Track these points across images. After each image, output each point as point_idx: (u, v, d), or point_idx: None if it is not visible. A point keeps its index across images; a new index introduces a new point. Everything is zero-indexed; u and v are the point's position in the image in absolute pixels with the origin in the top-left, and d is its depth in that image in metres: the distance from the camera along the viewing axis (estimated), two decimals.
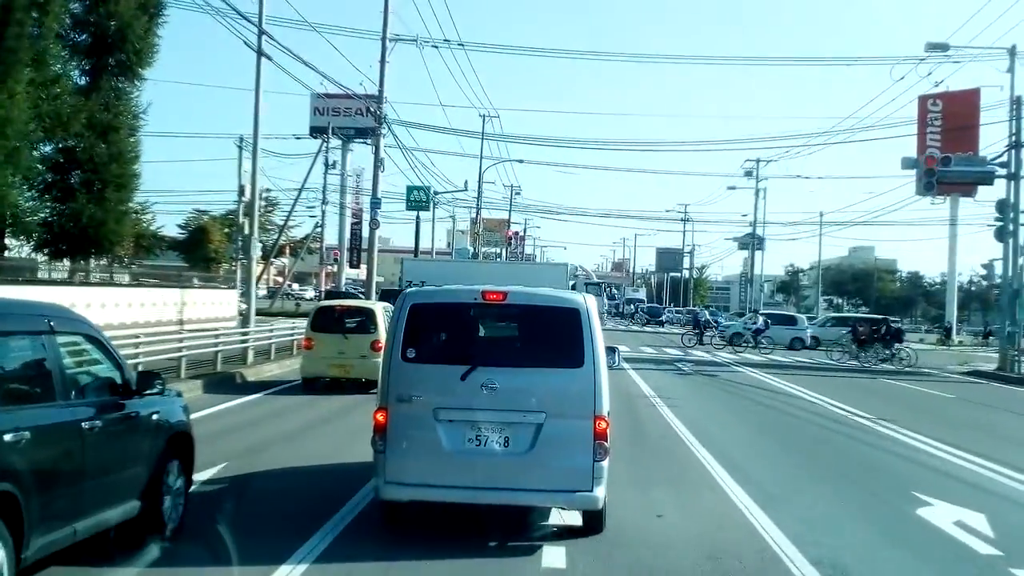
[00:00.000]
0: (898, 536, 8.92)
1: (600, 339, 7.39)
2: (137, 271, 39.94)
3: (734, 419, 18.28)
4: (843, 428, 17.21)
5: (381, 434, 7.22)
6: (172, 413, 7.59)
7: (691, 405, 19.60)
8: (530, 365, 7.40)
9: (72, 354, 6.50)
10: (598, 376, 7.20)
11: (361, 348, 18.84)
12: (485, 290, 7.56)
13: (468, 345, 7.78)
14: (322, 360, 19.19)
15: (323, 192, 52.78)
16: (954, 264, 61.43)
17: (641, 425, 16.03)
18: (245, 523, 7.84)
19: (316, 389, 18.88)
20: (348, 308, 21.03)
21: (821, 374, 30.31)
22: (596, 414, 7.14)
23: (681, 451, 13.55)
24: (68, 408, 6.11)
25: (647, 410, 18.33)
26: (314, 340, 19.60)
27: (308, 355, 19.89)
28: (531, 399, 7.17)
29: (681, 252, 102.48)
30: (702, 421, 16.97)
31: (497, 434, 7.14)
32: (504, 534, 7.67)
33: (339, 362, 18.96)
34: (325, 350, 19.11)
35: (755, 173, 67.99)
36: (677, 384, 24.64)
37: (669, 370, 28.98)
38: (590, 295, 8.10)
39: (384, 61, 30.86)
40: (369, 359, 18.31)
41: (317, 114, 58.39)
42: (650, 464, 12.14)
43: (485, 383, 7.15)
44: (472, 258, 62.59)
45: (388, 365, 7.42)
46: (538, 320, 7.63)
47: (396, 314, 7.60)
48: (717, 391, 23.55)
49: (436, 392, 7.31)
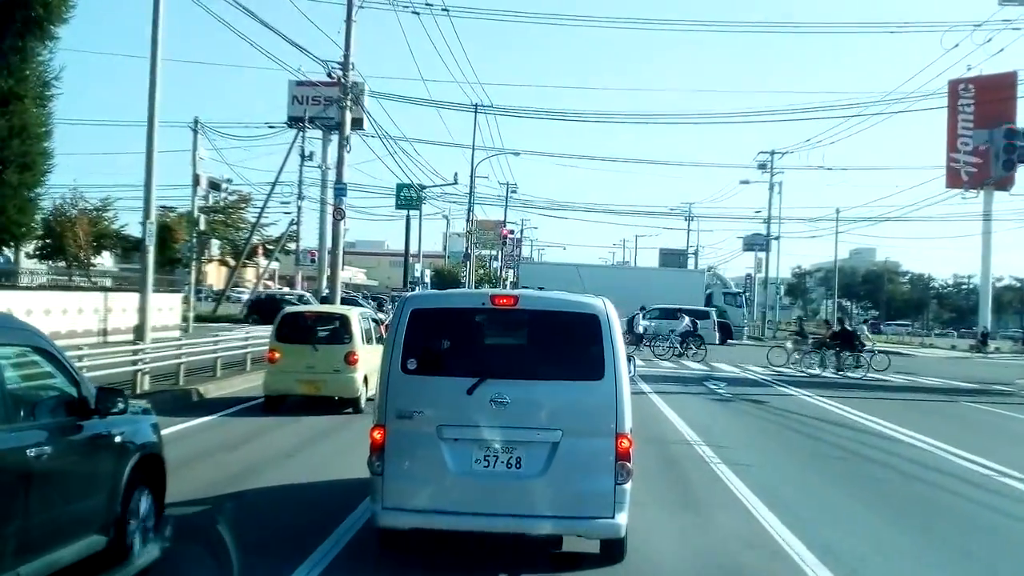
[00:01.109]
0: None
1: (622, 348, 6.81)
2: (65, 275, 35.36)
3: (844, 495, 11.07)
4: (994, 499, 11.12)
5: (378, 454, 6.72)
6: (139, 433, 7.08)
7: (760, 460, 13.05)
8: (544, 377, 6.82)
9: (16, 368, 5.99)
10: (620, 389, 6.67)
11: (334, 361, 16.30)
12: (494, 294, 7.19)
13: (475, 355, 7.17)
14: (288, 375, 16.34)
15: (299, 186, 48.91)
16: (988, 264, 57.29)
17: (708, 525, 9.11)
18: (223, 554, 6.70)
19: (280, 409, 16.25)
20: (319, 315, 18.27)
21: (855, 392, 24.15)
22: (618, 432, 6.61)
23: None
24: (11, 433, 5.54)
25: (698, 475, 11.83)
26: (279, 352, 16.50)
27: (272, 369, 16.63)
28: (545, 415, 6.68)
29: (686, 253, 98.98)
30: (802, 505, 10.18)
31: (508, 454, 6.63)
32: (514, 563, 7.23)
33: (308, 377, 16.27)
34: (292, 363, 16.36)
35: (769, 166, 63.98)
36: (720, 416, 18.40)
37: (700, 392, 22.89)
38: (608, 300, 7.28)
39: (350, 20, 26.82)
40: (343, 374, 16.19)
41: (296, 103, 54.35)
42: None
43: (494, 397, 6.63)
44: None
45: (386, 377, 6.85)
46: (553, 327, 7.06)
47: (395, 320, 7.03)
48: (778, 430, 16.99)
49: (440, 407, 6.78)
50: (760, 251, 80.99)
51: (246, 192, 55.76)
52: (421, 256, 69.26)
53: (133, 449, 6.83)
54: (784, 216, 67.59)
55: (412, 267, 56.05)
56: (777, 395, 22.88)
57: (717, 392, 23.02)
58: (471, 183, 61.89)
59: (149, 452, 7.09)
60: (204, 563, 6.80)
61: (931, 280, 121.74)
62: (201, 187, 37.23)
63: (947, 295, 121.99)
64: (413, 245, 61.96)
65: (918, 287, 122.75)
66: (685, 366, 31.01)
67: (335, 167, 28.28)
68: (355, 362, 16.19)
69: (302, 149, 50.55)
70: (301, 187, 50.58)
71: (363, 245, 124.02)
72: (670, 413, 17.62)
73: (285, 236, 54.96)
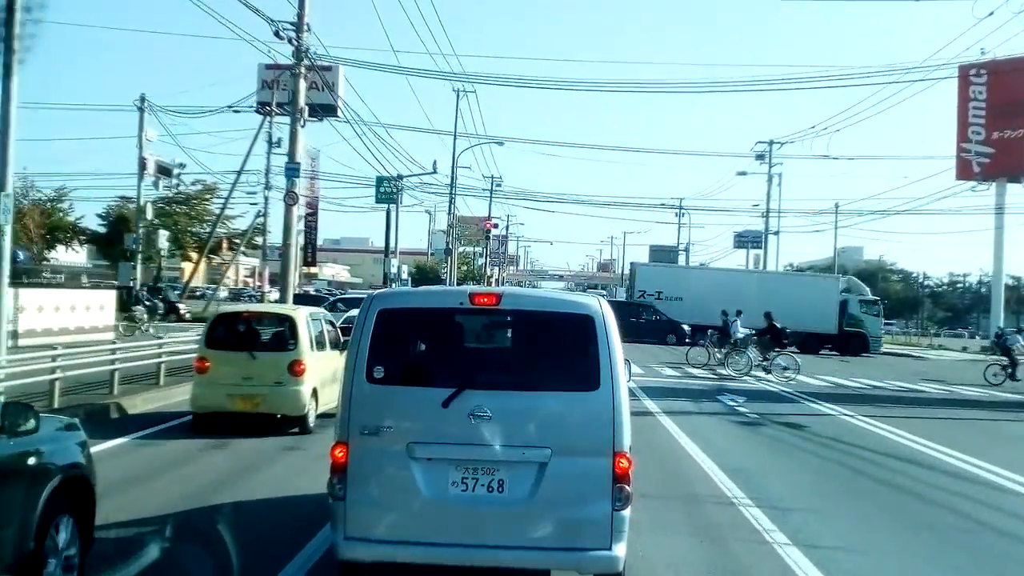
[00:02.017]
0: None
1: (619, 354, 6.04)
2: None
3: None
4: None
5: (340, 475, 5.93)
6: (62, 453, 6.24)
7: (846, 535, 8.76)
8: (531, 388, 6.06)
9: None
10: (617, 401, 5.91)
11: (275, 371, 13.34)
12: (473, 292, 6.27)
13: (452, 362, 6.42)
14: (220, 388, 13.36)
15: (266, 175, 45.62)
16: (1000, 259, 54.39)
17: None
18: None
19: (211, 428, 13.45)
20: (259, 316, 14.91)
21: (901, 410, 20.20)
22: (616, 450, 5.87)
23: None
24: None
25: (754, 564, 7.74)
26: (210, 360, 13.52)
27: (201, 381, 13.57)
28: (533, 431, 5.93)
29: (676, 249, 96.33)
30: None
31: (489, 476, 5.88)
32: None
33: (244, 392, 13.33)
34: (225, 374, 13.44)
35: (768, 156, 60.94)
36: (756, 450, 14.03)
37: (718, 412, 18.55)
38: (604, 299, 6.59)
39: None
40: (287, 387, 13.30)
41: (265, 87, 51.02)
42: None
43: (474, 411, 5.86)
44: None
45: (349, 387, 6.02)
46: (542, 330, 6.32)
47: (360, 321, 6.14)
48: (847, 475, 12.29)
49: (411, 422, 6.02)
50: (754, 248, 79.08)
51: (211, 182, 52.45)
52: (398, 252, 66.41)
53: (54, 471, 6.08)
54: (784, 209, 64.19)
55: (388, 263, 52.70)
56: (812, 415, 18.66)
57: (738, 410, 18.70)
58: (452, 174, 58.84)
59: (74, 475, 6.31)
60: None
61: (926, 278, 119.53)
62: (148, 172, 33.68)
63: (942, 294, 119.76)
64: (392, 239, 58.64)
65: (912, 286, 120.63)
66: (692, 375, 27.19)
67: (288, 143, 24.97)
68: (301, 372, 13.14)
69: (269, 135, 47.36)
70: (268, 176, 47.33)
71: (348, 242, 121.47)
72: (689, 444, 13.80)
73: (251, 229, 51.65)
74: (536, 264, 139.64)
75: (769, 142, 60.97)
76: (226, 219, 52.12)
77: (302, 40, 23.39)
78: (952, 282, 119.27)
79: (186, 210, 55.58)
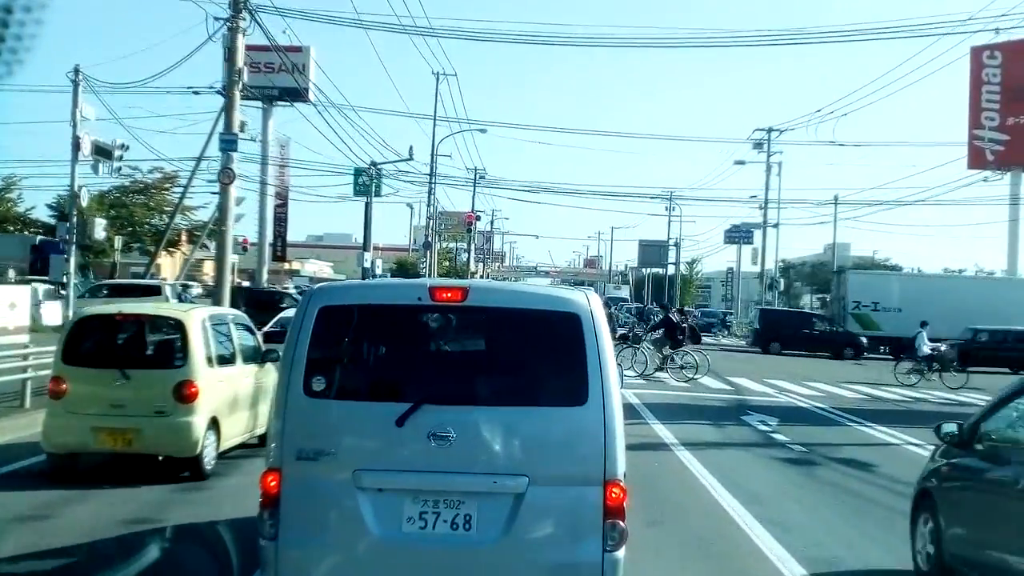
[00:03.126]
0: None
1: (612, 361, 5.21)
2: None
3: None
4: None
5: (271, 510, 5.09)
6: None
7: None
8: (505, 402, 5.24)
9: None
10: (610, 418, 5.10)
11: (156, 396, 9.84)
12: (434, 285, 5.37)
13: (409, 371, 5.52)
14: (81, 420, 9.80)
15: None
16: (1016, 253, 51.03)
17: None
18: None
19: (71, 474, 9.99)
20: (136, 319, 10.73)
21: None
22: (607, 477, 5.05)
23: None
24: None
25: None
26: (68, 381, 9.98)
27: (57, 410, 10.00)
28: (506, 455, 5.10)
29: (667, 244, 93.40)
30: None
31: (453, 510, 5.10)
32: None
33: (112, 424, 9.78)
34: (87, 400, 9.90)
35: (767, 144, 57.51)
36: (826, 510, 10.00)
37: (750, 442, 14.41)
38: (593, 293, 5.59)
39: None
40: (172, 417, 9.77)
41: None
42: None
43: (435, 430, 5.05)
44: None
45: (283, 402, 5.21)
46: (517, 332, 5.47)
47: (297, 322, 5.31)
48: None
49: (358, 444, 5.20)
50: (746, 243, 77.05)
51: (172, 170, 48.58)
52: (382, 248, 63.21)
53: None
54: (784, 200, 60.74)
55: (362, 256, 49.30)
56: (869, 445, 14.65)
57: (775, 439, 14.55)
58: (432, 162, 55.35)
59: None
60: None
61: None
62: (84, 153, 29.83)
63: None
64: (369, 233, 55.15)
65: None
66: (705, 386, 23.21)
67: (224, 113, 21.28)
68: (192, 397, 9.65)
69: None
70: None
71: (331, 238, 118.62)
72: (729, 501, 9.81)
73: (212, 220, 47.93)
74: (522, 260, 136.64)
75: (767, 129, 57.51)
76: (187, 210, 48.31)
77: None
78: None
79: (144, 200, 51.83)
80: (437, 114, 55.54)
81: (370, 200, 53.04)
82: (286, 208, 58.70)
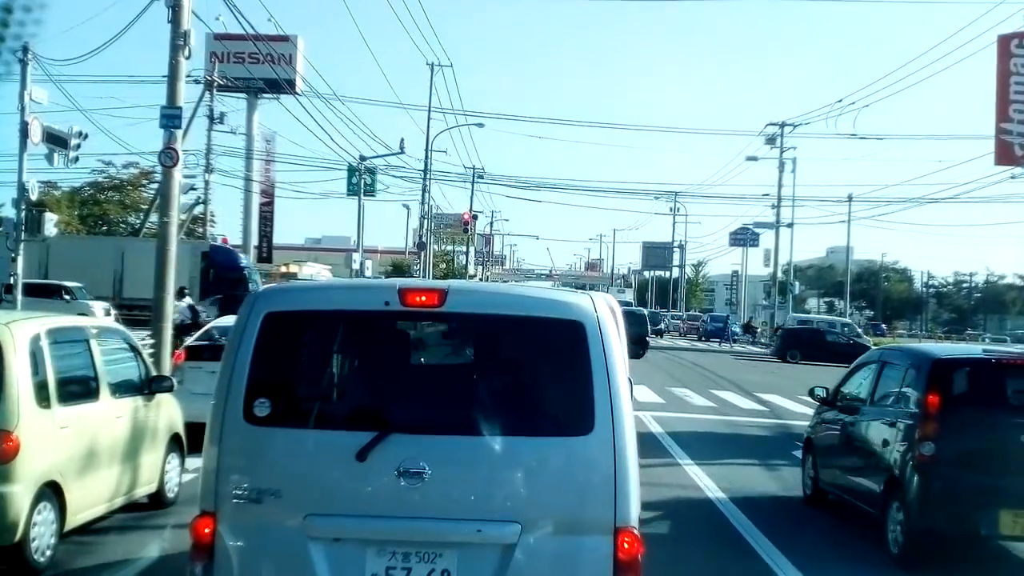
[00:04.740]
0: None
1: (624, 380, 4.44)
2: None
3: None
4: None
5: (204, 563, 4.33)
6: None
7: None
8: (491, 431, 4.40)
9: None
10: (620, 449, 4.31)
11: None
12: (404, 287, 4.51)
13: (373, 393, 4.68)
14: None
15: (207, 156, 39.54)
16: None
17: None
18: None
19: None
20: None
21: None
22: (618, 524, 4.29)
23: None
24: None
25: None
26: None
27: None
28: (493, 496, 4.35)
29: (672, 247, 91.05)
30: None
31: (428, 564, 4.33)
32: None
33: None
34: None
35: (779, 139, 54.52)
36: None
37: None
38: (603, 296, 5.37)
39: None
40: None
41: (215, 60, 44.94)
42: None
43: (405, 466, 4.27)
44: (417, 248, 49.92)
45: (218, 431, 4.41)
46: (507, 344, 4.69)
47: (237, 331, 4.53)
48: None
49: (310, 483, 4.38)
50: (752, 246, 75.37)
51: (149, 165, 45.98)
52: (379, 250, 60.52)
53: None
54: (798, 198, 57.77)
55: (350, 258, 46.63)
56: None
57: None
58: (426, 157, 52.53)
59: None
60: None
61: (931, 278, 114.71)
62: (34, 141, 26.86)
63: (946, 294, 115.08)
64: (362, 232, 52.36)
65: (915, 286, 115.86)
66: (732, 405, 20.01)
67: (168, 82, 18.04)
68: (7, 455, 6.47)
69: (210, 110, 40.93)
70: (209, 157, 41.09)
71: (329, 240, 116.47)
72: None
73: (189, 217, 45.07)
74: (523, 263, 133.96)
75: (780, 124, 54.52)
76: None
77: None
78: (957, 282, 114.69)
79: (120, 198, 49.03)
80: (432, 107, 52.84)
81: (361, 199, 50.41)
82: (272, 206, 55.86)
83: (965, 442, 8.01)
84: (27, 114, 27.20)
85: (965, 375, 8.56)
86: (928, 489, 7.88)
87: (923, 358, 8.71)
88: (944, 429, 7.91)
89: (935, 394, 8.04)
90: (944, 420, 7.97)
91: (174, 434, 8.88)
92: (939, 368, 8.34)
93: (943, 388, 8.16)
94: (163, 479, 8.62)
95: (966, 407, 8.30)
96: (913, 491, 7.95)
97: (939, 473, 7.86)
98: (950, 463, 7.87)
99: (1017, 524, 7.73)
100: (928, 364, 8.42)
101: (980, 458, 8.01)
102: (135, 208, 47.98)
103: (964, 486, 7.83)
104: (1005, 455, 7.89)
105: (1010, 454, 7.86)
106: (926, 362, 8.50)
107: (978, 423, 8.13)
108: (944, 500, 7.87)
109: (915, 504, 7.90)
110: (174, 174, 18.00)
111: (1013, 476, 7.78)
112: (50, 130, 28.34)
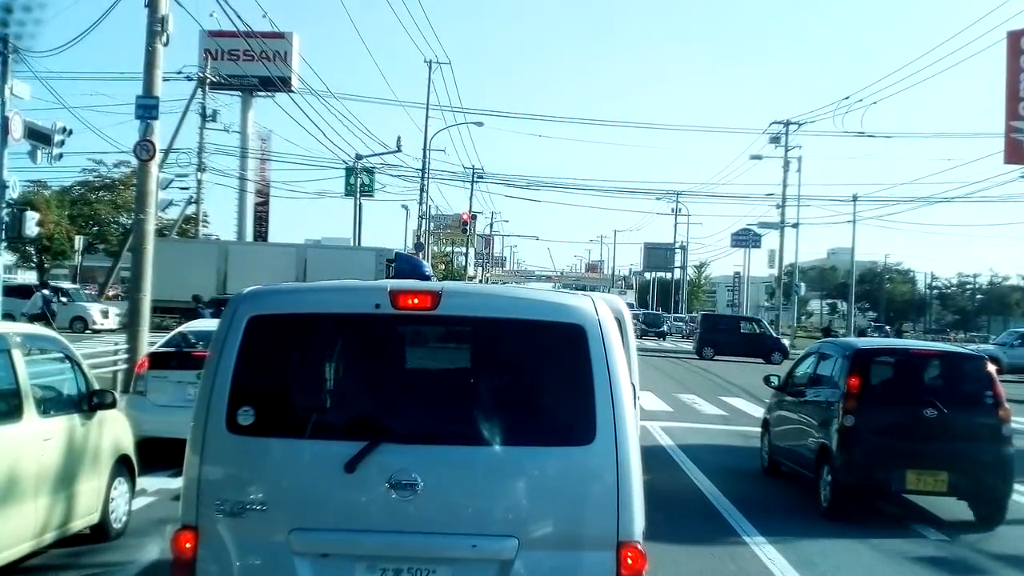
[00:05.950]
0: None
1: (627, 387, 4.32)
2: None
3: None
4: None
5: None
6: None
7: None
8: (488, 441, 4.27)
9: None
10: (624, 460, 4.21)
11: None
12: (396, 288, 4.38)
13: (363, 400, 4.54)
14: None
15: (199, 154, 38.77)
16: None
17: None
18: None
19: None
20: None
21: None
22: (621, 538, 4.17)
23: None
24: None
25: None
26: None
27: None
28: (489, 510, 4.22)
29: (673, 248, 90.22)
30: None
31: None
32: None
33: None
34: None
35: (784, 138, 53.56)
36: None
37: (875, 534, 9.46)
38: (605, 298, 5.34)
39: None
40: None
41: (208, 57, 44.14)
42: None
43: (396, 477, 4.15)
44: (414, 249, 49.07)
45: (200, 440, 4.30)
46: (504, 349, 4.56)
47: (220, 336, 4.38)
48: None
49: (296, 496, 4.26)
50: (754, 247, 74.80)
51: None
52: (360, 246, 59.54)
53: None
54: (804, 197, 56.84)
55: None
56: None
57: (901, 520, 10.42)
58: (424, 156, 51.63)
59: None
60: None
61: (934, 279, 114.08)
62: (15, 137, 25.95)
63: (950, 295, 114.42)
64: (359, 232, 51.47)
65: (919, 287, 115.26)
66: (742, 412, 19.16)
67: (144, 69, 17.05)
68: None
69: (203, 107, 40.11)
70: (201, 155, 40.27)
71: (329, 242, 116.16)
72: None
73: (181, 217, 44.13)
74: (522, 265, 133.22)
75: (786, 122, 53.58)
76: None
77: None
78: (961, 283, 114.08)
79: (111, 198, 48.17)
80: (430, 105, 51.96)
81: (358, 199, 49.50)
82: (267, 206, 55.09)
83: (879, 416, 9.84)
84: (7, 109, 26.35)
85: (880, 362, 10.55)
86: (850, 454, 9.70)
87: (848, 349, 10.60)
88: (862, 405, 9.73)
89: (856, 377, 9.86)
90: (863, 398, 9.78)
91: (121, 455, 7.84)
92: (859, 356, 10.21)
93: (863, 373, 9.99)
94: (107, 508, 7.59)
95: (881, 388, 10.20)
96: (837, 456, 9.72)
97: (858, 441, 9.69)
98: (867, 433, 9.72)
99: (920, 481, 9.57)
100: (851, 353, 10.28)
101: (891, 429, 9.88)
102: (127, 208, 47.25)
103: (878, 451, 9.72)
104: (911, 426, 9.74)
105: (915, 426, 9.69)
106: (850, 352, 10.36)
107: (890, 400, 10.05)
108: (862, 462, 9.71)
109: (839, 466, 9.70)
110: (151, 168, 17.04)
111: (917, 443, 9.65)
112: (32, 126, 27.40)
